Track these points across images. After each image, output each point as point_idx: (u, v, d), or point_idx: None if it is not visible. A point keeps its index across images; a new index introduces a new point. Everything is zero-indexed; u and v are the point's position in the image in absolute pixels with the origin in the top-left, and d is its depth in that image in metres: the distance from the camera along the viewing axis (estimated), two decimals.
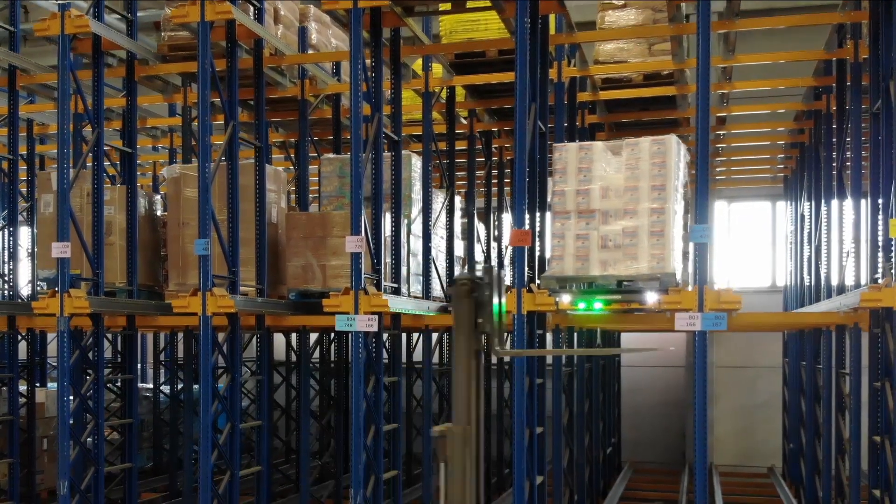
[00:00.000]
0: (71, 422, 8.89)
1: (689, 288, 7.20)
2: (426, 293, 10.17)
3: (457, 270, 11.61)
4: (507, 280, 9.82)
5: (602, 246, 7.49)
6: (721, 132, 13.94)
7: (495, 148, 13.81)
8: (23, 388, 11.53)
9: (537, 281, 8.05)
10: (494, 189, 14.01)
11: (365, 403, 8.24)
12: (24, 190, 12.34)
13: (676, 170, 7.59)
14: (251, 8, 9.63)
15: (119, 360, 12.12)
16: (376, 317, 8.03)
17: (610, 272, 7.35)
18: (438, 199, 10.99)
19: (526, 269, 7.64)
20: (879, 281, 7.65)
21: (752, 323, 10.68)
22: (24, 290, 12.74)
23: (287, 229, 9.71)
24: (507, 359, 13.41)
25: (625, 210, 7.48)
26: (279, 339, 14.22)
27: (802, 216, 13.20)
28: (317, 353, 12.97)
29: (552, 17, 9.39)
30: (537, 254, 8.37)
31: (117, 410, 11.65)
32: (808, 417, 12.11)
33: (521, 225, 7.62)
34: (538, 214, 8.35)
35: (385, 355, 9.19)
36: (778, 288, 17.00)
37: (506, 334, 5.65)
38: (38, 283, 10.77)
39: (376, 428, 8.54)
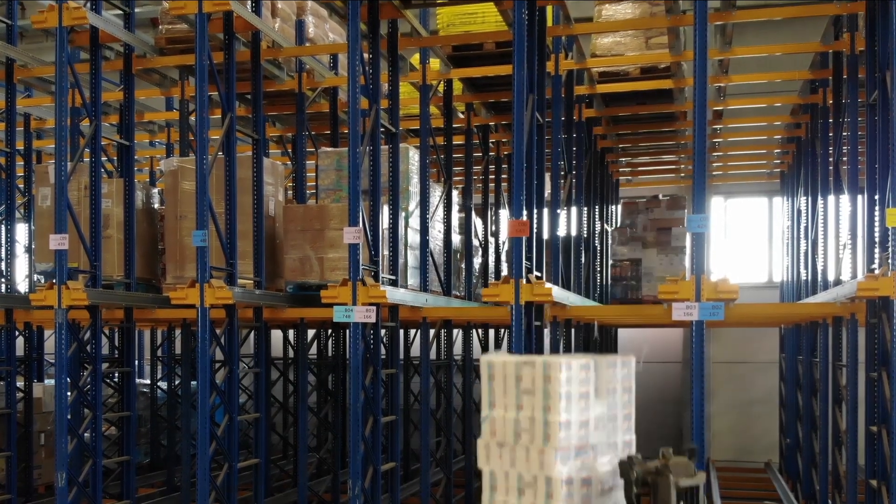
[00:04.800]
0: (69, 416, 8.90)
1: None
2: (423, 286, 10.18)
3: (454, 265, 11.61)
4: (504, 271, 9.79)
5: None
6: (717, 126, 13.97)
7: (492, 143, 13.81)
8: (20, 383, 11.54)
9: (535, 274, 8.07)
10: (492, 185, 14.03)
11: (363, 394, 8.25)
12: (20, 186, 12.33)
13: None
14: (248, 0, 9.64)
15: (116, 355, 12.12)
16: (374, 308, 8.03)
17: None
18: (436, 193, 10.99)
19: (524, 260, 7.66)
20: (876, 271, 7.67)
21: (750, 315, 10.71)
22: (22, 286, 12.74)
23: (284, 222, 9.71)
24: None
25: None
26: (276, 336, 14.21)
27: (799, 211, 13.22)
28: (314, 350, 12.98)
29: (549, 10, 9.41)
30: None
31: (114, 405, 11.65)
32: (805, 411, 12.12)
33: (519, 216, 7.63)
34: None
35: (382, 350, 9.19)
36: (774, 283, 17.04)
37: None
38: (36, 275, 10.77)
39: (374, 419, 8.55)
